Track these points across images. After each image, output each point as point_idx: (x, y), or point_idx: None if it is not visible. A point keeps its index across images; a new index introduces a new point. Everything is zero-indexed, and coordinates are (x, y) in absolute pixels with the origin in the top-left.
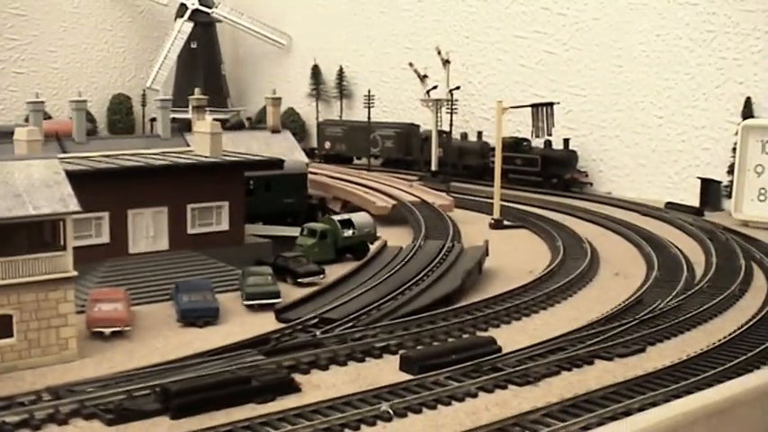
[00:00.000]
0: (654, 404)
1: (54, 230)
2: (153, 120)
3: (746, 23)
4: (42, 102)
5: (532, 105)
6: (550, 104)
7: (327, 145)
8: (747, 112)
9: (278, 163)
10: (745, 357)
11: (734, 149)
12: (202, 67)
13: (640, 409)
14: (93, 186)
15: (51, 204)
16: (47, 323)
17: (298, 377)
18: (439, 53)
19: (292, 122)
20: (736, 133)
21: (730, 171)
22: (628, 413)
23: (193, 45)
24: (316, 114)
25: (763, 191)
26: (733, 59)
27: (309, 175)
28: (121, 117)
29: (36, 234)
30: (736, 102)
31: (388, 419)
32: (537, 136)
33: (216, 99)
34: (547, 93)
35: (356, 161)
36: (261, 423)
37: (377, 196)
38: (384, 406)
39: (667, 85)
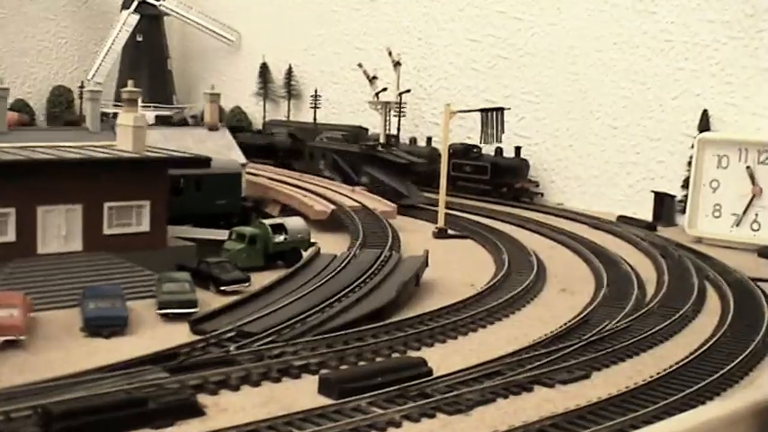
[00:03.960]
0: None
1: None
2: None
3: (705, 34)
4: None
5: (482, 110)
6: (501, 110)
7: None
8: (704, 125)
9: (204, 161)
10: (697, 387)
11: (689, 163)
12: (147, 62)
13: None
14: None
15: None
16: None
17: (204, 398)
18: (390, 54)
19: (238, 122)
20: (693, 146)
21: (685, 185)
22: None
23: (139, 38)
24: (263, 114)
25: (717, 207)
26: (691, 71)
27: (248, 177)
28: (61, 110)
29: None
30: (693, 114)
31: None
32: (485, 142)
33: (161, 95)
34: (500, 98)
35: None
36: None
37: (316, 200)
38: None
39: (623, 94)
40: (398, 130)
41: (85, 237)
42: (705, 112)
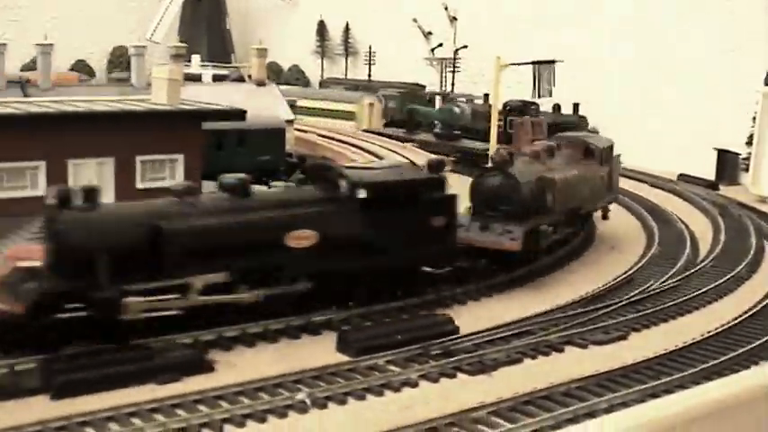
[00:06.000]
0: (624, 404)
1: None
2: None
3: None
4: (4, 44)
5: (533, 63)
6: (552, 62)
7: None
8: None
9: (239, 114)
10: (744, 349)
11: (754, 119)
12: (206, 21)
13: (607, 411)
14: (26, 133)
15: None
16: None
17: (215, 354)
18: (446, 9)
19: (297, 80)
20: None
21: (750, 142)
22: (591, 414)
23: None
24: (321, 72)
25: None
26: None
27: (298, 133)
28: (122, 70)
29: None
30: (761, 68)
31: (304, 411)
32: (538, 96)
33: (219, 54)
34: (561, 54)
35: None
36: (149, 410)
37: (363, 156)
38: (301, 395)
39: (686, 47)
40: (452, 86)
41: (118, 190)
42: None
